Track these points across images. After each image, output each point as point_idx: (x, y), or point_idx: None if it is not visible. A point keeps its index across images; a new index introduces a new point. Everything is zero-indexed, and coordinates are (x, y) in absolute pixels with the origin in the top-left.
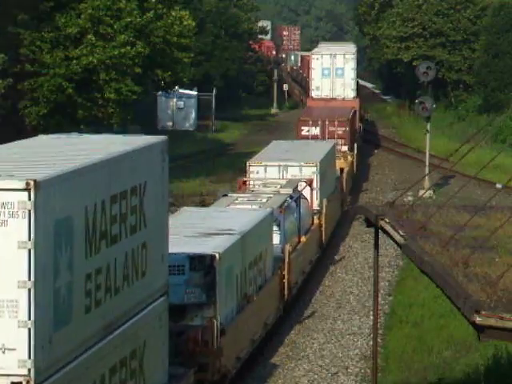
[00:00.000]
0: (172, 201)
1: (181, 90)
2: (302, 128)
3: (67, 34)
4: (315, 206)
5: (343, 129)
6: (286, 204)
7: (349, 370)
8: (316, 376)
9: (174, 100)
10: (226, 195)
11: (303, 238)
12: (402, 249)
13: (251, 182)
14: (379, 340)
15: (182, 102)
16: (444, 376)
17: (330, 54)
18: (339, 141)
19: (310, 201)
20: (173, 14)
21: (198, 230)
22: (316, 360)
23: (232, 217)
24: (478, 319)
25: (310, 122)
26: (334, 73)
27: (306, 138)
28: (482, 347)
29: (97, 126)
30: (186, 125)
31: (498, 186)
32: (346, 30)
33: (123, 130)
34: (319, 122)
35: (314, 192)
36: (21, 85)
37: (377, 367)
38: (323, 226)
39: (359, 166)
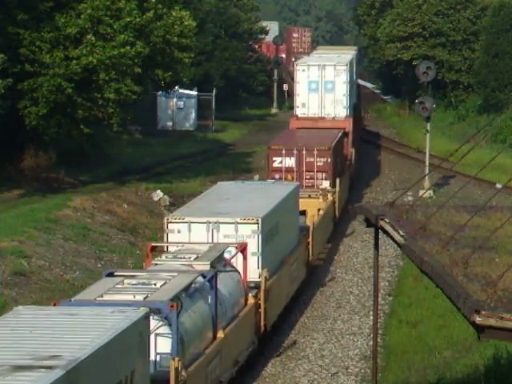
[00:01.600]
0: (172, 201)
1: (181, 90)
2: (274, 159)
3: (67, 34)
4: (253, 278)
5: (324, 159)
6: (189, 291)
7: (349, 370)
8: (316, 376)
9: (174, 100)
10: (111, 274)
11: (221, 333)
12: (402, 249)
13: (170, 247)
14: (379, 340)
15: (182, 102)
16: (444, 376)
17: (318, 65)
18: (319, 174)
19: (243, 272)
20: (173, 13)
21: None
22: (316, 360)
23: (71, 329)
24: (478, 319)
25: (284, 151)
26: (322, 87)
27: (279, 171)
28: (482, 347)
29: (97, 125)
30: (186, 125)
31: (498, 186)
32: (346, 30)
33: (123, 128)
34: (294, 152)
35: (253, 260)
36: (21, 85)
37: (377, 367)
38: (263, 305)
39: (347, 203)
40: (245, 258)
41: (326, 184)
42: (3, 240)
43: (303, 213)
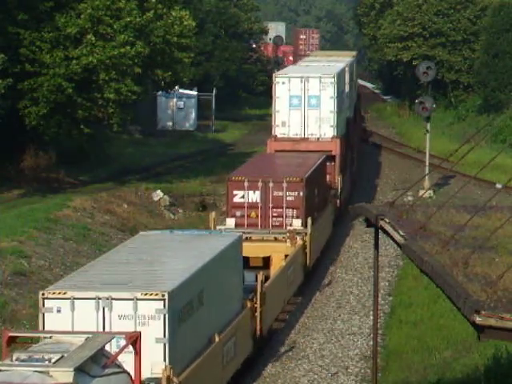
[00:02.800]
0: (172, 201)
1: (181, 90)
2: (235, 192)
3: (67, 34)
4: (156, 374)
5: (295, 193)
6: None
7: (349, 370)
8: (316, 376)
9: (174, 100)
10: None
11: None
12: (402, 249)
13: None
14: (379, 340)
15: (182, 102)
16: (444, 376)
17: (301, 77)
18: (289, 211)
19: (135, 374)
20: (173, 14)
21: None
22: (316, 360)
23: None
24: (478, 319)
25: (246, 183)
26: (306, 103)
27: (240, 207)
28: (482, 347)
29: (97, 125)
30: (186, 125)
31: (498, 186)
32: (346, 30)
33: (123, 128)
34: (259, 184)
35: (157, 349)
36: (21, 85)
37: (377, 367)
38: None
39: (329, 244)
40: (137, 353)
41: (297, 223)
42: (3, 240)
43: (267, 260)
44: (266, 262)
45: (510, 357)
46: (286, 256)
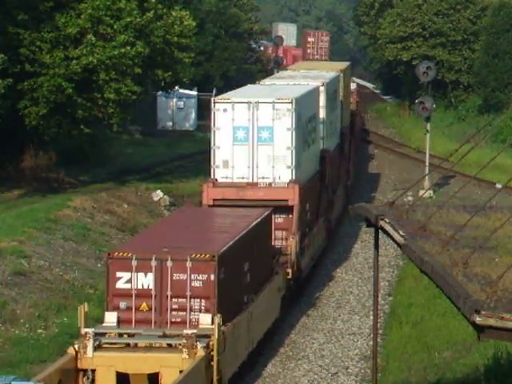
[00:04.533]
0: (172, 201)
1: (181, 90)
2: (118, 275)
3: (67, 34)
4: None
5: (204, 277)
6: None
7: (349, 370)
8: (316, 376)
9: (174, 100)
10: None
11: None
12: (401, 249)
13: None
14: (379, 340)
15: (182, 102)
16: (444, 376)
17: (248, 103)
18: (195, 303)
19: None
20: (173, 14)
21: None
22: (316, 360)
23: None
24: (477, 319)
25: (134, 263)
26: (255, 136)
27: (126, 296)
28: (482, 347)
29: (97, 125)
30: (186, 125)
31: (498, 186)
32: (345, 30)
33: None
34: (153, 263)
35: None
36: (21, 85)
37: (377, 367)
38: None
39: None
40: None
41: (205, 320)
42: (3, 240)
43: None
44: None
45: (510, 357)
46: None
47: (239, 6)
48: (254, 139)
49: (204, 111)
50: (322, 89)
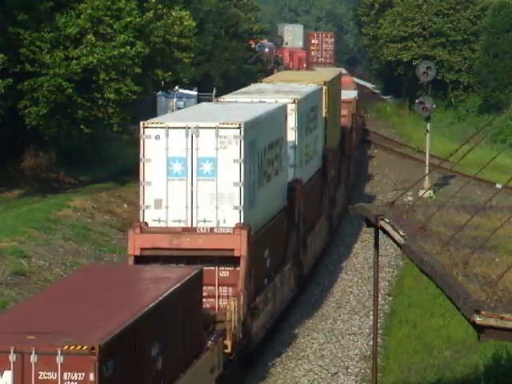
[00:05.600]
0: None
1: (181, 90)
2: None
3: (67, 34)
4: None
5: (81, 376)
6: None
7: (349, 370)
8: (316, 376)
9: (174, 100)
10: None
11: None
12: (401, 249)
13: None
14: (379, 340)
15: (182, 102)
16: (444, 376)
17: (187, 128)
18: None
19: None
20: (173, 14)
21: None
22: (316, 360)
23: None
24: (478, 319)
25: None
26: (194, 170)
27: None
28: (481, 347)
29: (97, 125)
30: None
31: (498, 186)
32: (345, 30)
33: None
34: (11, 358)
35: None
36: (21, 85)
37: (377, 367)
38: None
39: None
40: None
41: None
42: (3, 240)
43: None
44: None
45: (510, 357)
46: None
47: (239, 6)
48: (194, 173)
49: None
50: (291, 107)
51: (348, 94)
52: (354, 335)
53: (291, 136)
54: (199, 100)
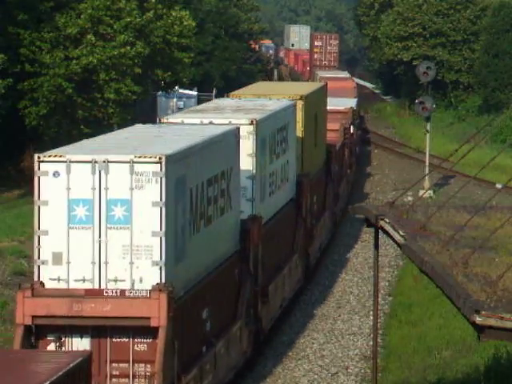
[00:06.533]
0: None
1: (181, 90)
2: None
3: (67, 34)
4: None
5: None
6: None
7: (349, 370)
8: (316, 376)
9: (174, 100)
10: None
11: None
12: (401, 249)
13: None
14: (379, 340)
15: (182, 102)
16: (444, 376)
17: (93, 162)
18: None
19: None
20: (173, 14)
21: None
22: (316, 360)
23: None
24: (478, 319)
25: None
26: (103, 215)
27: None
28: (481, 347)
29: (97, 125)
30: None
31: (498, 186)
32: (346, 30)
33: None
34: None
35: None
36: (21, 85)
37: (377, 367)
38: None
39: None
40: None
41: None
42: (3, 240)
43: None
44: None
45: (510, 357)
46: None
47: (239, 6)
48: (102, 220)
49: None
50: (248, 129)
51: (344, 103)
52: (354, 335)
53: (248, 164)
54: (199, 100)
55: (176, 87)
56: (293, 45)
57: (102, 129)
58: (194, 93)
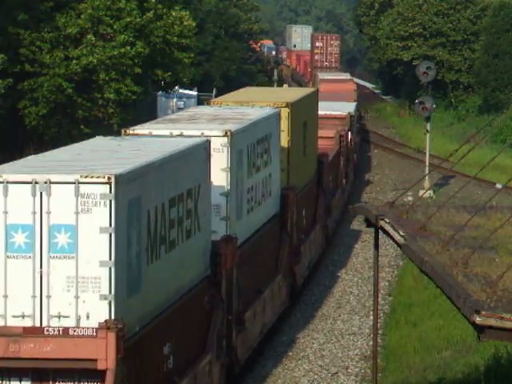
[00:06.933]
0: None
1: (181, 90)
2: None
3: (67, 34)
4: None
5: None
6: None
7: (349, 370)
8: (316, 376)
9: (174, 100)
10: None
11: None
12: (401, 249)
13: None
14: (379, 340)
15: (182, 102)
16: (444, 376)
17: (33, 184)
18: None
19: None
20: (173, 14)
21: None
22: (316, 360)
23: None
24: (477, 319)
25: None
26: (44, 243)
27: None
28: (481, 347)
29: (97, 125)
30: None
31: (498, 186)
32: (346, 30)
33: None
34: None
35: None
36: (21, 85)
37: (377, 367)
38: None
39: None
40: None
41: None
42: None
43: None
44: None
45: (510, 357)
46: None
47: (239, 6)
48: (44, 248)
49: None
50: (222, 141)
51: (342, 108)
52: (354, 335)
53: (222, 180)
54: (199, 100)
55: (176, 87)
56: (295, 46)
57: (102, 129)
58: (194, 93)
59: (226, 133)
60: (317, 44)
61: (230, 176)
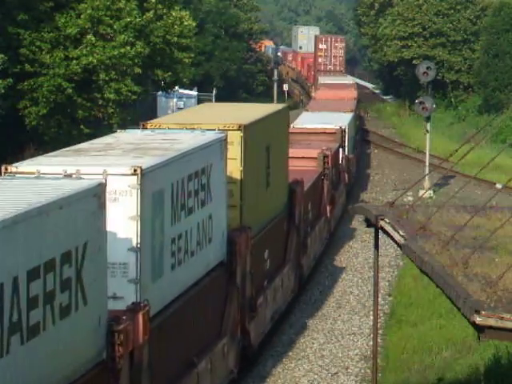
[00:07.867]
0: None
1: (181, 90)
2: None
3: (67, 34)
4: None
5: None
6: None
7: (349, 370)
8: (316, 376)
9: (174, 100)
10: None
11: None
12: (402, 249)
13: None
14: (379, 340)
15: (182, 102)
16: (444, 376)
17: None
18: None
19: None
20: (173, 14)
21: None
22: (316, 360)
23: None
24: (478, 319)
25: None
26: None
27: None
28: (482, 347)
29: (97, 125)
30: None
31: (498, 186)
32: (346, 30)
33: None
34: None
35: None
36: (21, 85)
37: (377, 367)
38: None
39: None
40: None
41: None
42: None
43: None
44: None
45: (510, 357)
46: None
47: (239, 6)
48: None
49: None
50: (129, 183)
51: (334, 121)
52: (354, 335)
53: (130, 231)
54: (199, 100)
55: (176, 87)
56: (301, 47)
57: (102, 129)
58: (194, 93)
59: (135, 170)
60: (320, 46)
61: (141, 225)
